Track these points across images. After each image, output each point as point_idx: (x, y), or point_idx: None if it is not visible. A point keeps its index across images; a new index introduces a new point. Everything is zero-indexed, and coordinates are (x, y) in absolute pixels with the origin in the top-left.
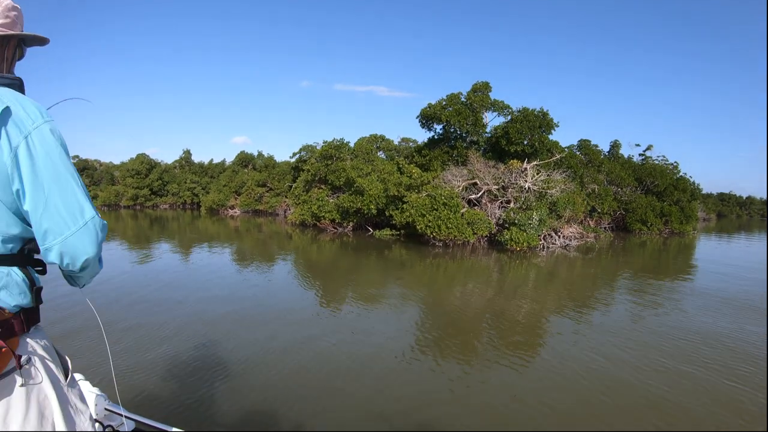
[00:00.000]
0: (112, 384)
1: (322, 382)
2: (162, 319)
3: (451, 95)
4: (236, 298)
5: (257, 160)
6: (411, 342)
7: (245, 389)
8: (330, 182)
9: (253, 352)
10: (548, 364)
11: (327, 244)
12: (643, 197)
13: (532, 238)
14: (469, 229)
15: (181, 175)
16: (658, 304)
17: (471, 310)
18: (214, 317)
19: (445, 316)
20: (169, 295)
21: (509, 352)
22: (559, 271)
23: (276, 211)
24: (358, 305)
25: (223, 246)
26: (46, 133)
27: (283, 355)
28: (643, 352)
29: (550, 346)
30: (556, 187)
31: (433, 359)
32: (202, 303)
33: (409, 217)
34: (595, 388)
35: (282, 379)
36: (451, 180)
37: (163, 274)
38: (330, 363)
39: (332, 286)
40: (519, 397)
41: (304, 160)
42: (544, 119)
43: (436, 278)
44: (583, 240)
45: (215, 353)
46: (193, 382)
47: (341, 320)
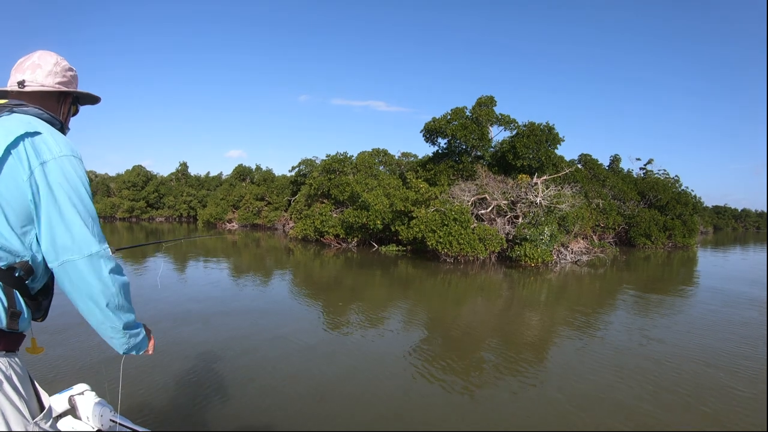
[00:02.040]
0: (116, 394)
1: (322, 403)
2: (164, 334)
3: (455, 109)
4: (233, 313)
5: (255, 173)
6: (422, 363)
7: (244, 409)
8: (333, 197)
9: (255, 371)
10: (569, 397)
11: (331, 260)
12: (647, 211)
13: (546, 253)
14: (481, 245)
15: (177, 187)
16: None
17: (486, 328)
18: (211, 331)
19: (456, 335)
20: (168, 311)
21: (526, 376)
22: (574, 287)
23: (275, 226)
24: (365, 323)
25: (222, 260)
26: (67, 164)
27: (288, 372)
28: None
29: (572, 375)
30: (566, 202)
31: (441, 379)
32: (196, 319)
33: (419, 232)
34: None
35: (287, 395)
36: (459, 195)
37: (164, 292)
38: (331, 383)
39: (337, 302)
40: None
41: (303, 174)
42: (550, 134)
43: (447, 295)
44: (593, 255)
45: (214, 369)
46: (193, 398)
47: (348, 339)
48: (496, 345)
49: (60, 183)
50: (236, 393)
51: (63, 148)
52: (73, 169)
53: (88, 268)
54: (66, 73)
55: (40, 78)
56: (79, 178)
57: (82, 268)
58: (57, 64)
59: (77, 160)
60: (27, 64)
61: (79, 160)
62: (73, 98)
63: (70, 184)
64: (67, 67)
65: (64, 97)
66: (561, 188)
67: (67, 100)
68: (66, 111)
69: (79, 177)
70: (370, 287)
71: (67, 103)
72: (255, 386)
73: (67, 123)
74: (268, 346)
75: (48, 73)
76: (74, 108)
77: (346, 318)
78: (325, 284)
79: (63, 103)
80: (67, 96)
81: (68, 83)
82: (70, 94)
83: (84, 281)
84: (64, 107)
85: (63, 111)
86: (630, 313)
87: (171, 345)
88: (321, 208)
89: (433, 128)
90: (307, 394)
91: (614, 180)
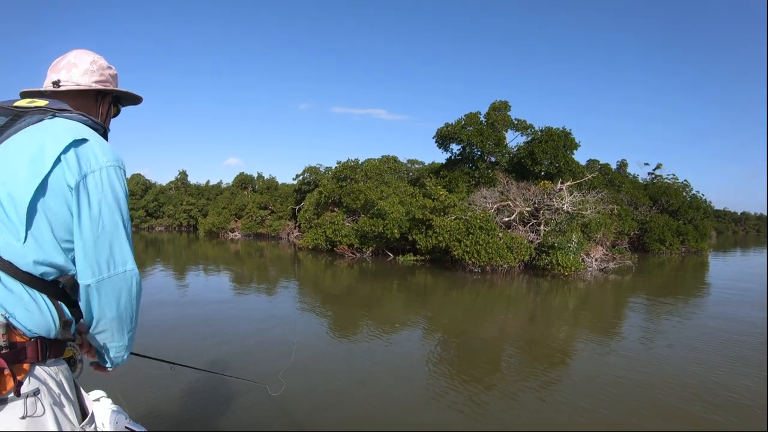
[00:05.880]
0: (131, 401)
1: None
2: (174, 342)
3: (469, 114)
4: (246, 320)
5: (257, 181)
6: (451, 373)
7: (255, 416)
8: (345, 205)
9: (268, 378)
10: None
11: (345, 270)
12: (660, 216)
13: (577, 261)
14: (509, 254)
15: (176, 196)
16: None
17: (523, 341)
18: (217, 341)
19: (487, 346)
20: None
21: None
22: (610, 296)
23: (279, 235)
24: (393, 333)
25: (228, 270)
26: (112, 175)
27: (302, 380)
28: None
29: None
30: (589, 209)
31: (463, 394)
32: (202, 328)
33: (442, 242)
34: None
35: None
36: (481, 202)
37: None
38: (346, 391)
39: (358, 312)
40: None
41: (308, 182)
42: (566, 139)
43: (474, 306)
44: (619, 262)
45: (225, 377)
46: (205, 405)
47: (373, 346)
48: (535, 360)
49: (104, 196)
50: (246, 401)
51: (109, 157)
52: (118, 180)
53: (122, 286)
54: (104, 72)
55: (75, 77)
56: (122, 191)
57: (117, 285)
58: (94, 63)
59: (122, 170)
60: (62, 64)
61: (123, 171)
62: (113, 98)
63: (114, 196)
64: (105, 65)
65: (102, 97)
66: (585, 194)
67: (106, 100)
68: (105, 111)
69: (122, 189)
70: (388, 298)
71: (106, 103)
72: (265, 396)
73: (107, 125)
74: (283, 354)
75: (84, 72)
76: (115, 109)
77: (369, 328)
78: (342, 294)
79: (101, 103)
80: (105, 96)
81: (106, 82)
82: (109, 94)
83: (113, 298)
84: (103, 107)
85: (102, 111)
86: (681, 326)
87: (182, 352)
88: (332, 216)
89: (447, 134)
90: (321, 403)
91: (628, 185)
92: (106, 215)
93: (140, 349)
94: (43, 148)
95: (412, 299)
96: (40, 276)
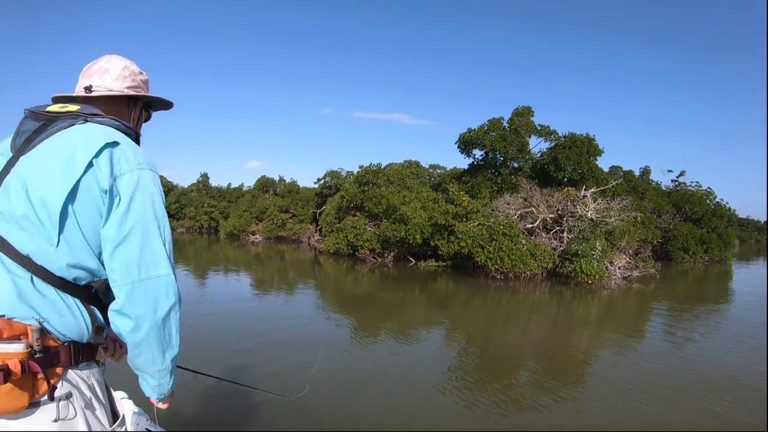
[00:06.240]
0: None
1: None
2: (194, 347)
3: (492, 120)
4: (260, 327)
5: (278, 185)
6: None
7: (273, 419)
8: (367, 209)
9: (288, 389)
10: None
11: (366, 275)
12: (683, 224)
13: (601, 269)
14: (533, 261)
15: (198, 198)
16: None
17: (548, 352)
18: (239, 346)
19: (506, 354)
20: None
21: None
22: (634, 305)
23: (300, 238)
24: (416, 339)
25: (249, 272)
26: (146, 177)
27: (320, 386)
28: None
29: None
30: (613, 216)
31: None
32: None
33: (465, 248)
34: None
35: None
36: (504, 208)
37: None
38: (365, 396)
39: (381, 317)
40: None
41: (329, 186)
42: (590, 145)
43: (497, 313)
44: (642, 270)
45: (244, 380)
46: (224, 405)
47: (392, 358)
48: (558, 371)
49: (134, 197)
50: (268, 409)
51: (141, 160)
52: (152, 183)
53: (157, 294)
54: (135, 77)
55: (107, 83)
56: (157, 193)
57: (150, 291)
58: (126, 68)
59: (154, 174)
60: (94, 69)
61: (156, 175)
62: (144, 104)
63: (147, 198)
64: (137, 71)
65: (134, 102)
66: (608, 201)
67: (138, 106)
68: (137, 117)
69: (157, 192)
70: (410, 304)
71: (138, 108)
72: (287, 405)
73: (139, 130)
74: (306, 360)
75: (116, 78)
76: (146, 114)
77: (391, 334)
78: (364, 299)
79: (133, 108)
80: (137, 101)
81: (138, 88)
82: (141, 99)
83: (147, 306)
84: (134, 113)
85: (134, 117)
86: (710, 334)
87: (203, 356)
88: (354, 221)
89: (469, 139)
90: (343, 413)
91: (651, 193)
92: (136, 216)
93: None
94: (75, 152)
95: (434, 305)
96: (72, 280)
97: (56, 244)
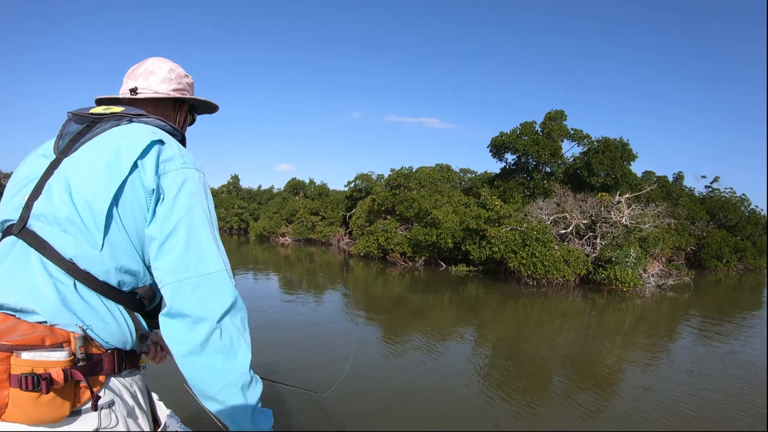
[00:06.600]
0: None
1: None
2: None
3: (524, 123)
4: (291, 326)
5: (309, 187)
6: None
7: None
8: (398, 213)
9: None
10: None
11: (396, 279)
12: (717, 232)
13: (636, 277)
14: (566, 268)
15: (228, 200)
16: None
17: (581, 361)
18: (269, 345)
19: (535, 362)
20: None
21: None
22: (672, 314)
23: (329, 241)
24: (441, 348)
25: (278, 274)
26: (193, 176)
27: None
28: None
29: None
30: (648, 223)
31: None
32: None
33: (497, 253)
34: None
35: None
36: (537, 213)
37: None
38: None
39: (411, 325)
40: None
41: (359, 189)
42: (624, 149)
43: (528, 320)
44: (676, 278)
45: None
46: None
47: (421, 363)
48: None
49: (179, 194)
50: (297, 409)
51: (187, 160)
52: (198, 181)
53: (210, 291)
54: (181, 80)
55: (153, 85)
56: (203, 191)
57: (202, 288)
58: (171, 71)
59: (201, 174)
60: (139, 71)
61: (203, 175)
62: (189, 107)
63: (195, 194)
64: (183, 74)
65: (179, 105)
66: (644, 208)
67: (183, 109)
68: (182, 120)
69: (203, 190)
70: (440, 308)
71: (183, 111)
72: (318, 405)
73: (184, 132)
74: (335, 361)
75: (162, 80)
76: (191, 117)
77: (421, 339)
78: (394, 303)
79: (179, 111)
80: (183, 104)
81: (183, 90)
82: (186, 102)
83: (199, 305)
84: (180, 116)
85: (179, 120)
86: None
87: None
88: (385, 224)
89: (501, 143)
90: (372, 415)
91: (685, 199)
92: (181, 210)
93: None
94: (119, 152)
95: (465, 310)
96: (117, 286)
97: (101, 248)
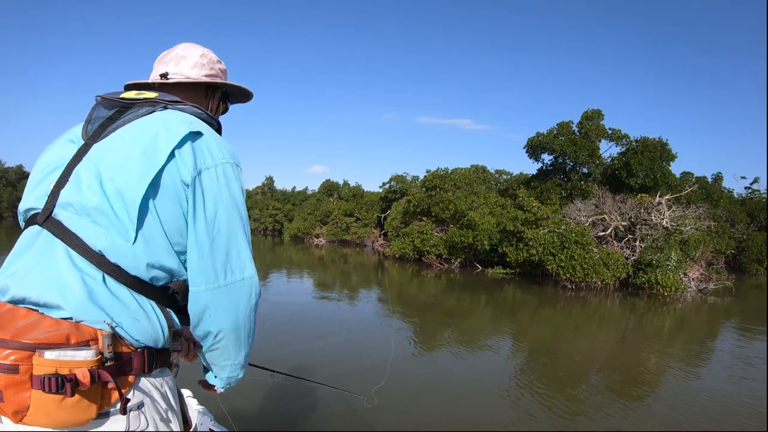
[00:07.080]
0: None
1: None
2: (263, 346)
3: (561, 123)
4: (327, 327)
5: (343, 189)
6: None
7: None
8: (434, 214)
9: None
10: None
11: (432, 281)
12: (758, 235)
13: (676, 281)
14: (606, 271)
15: (263, 201)
16: None
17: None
18: (301, 347)
19: (570, 368)
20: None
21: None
22: (716, 319)
23: (364, 242)
24: (477, 352)
25: (314, 274)
26: (230, 173)
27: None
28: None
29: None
30: (689, 225)
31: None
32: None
33: (535, 255)
34: None
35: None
36: (575, 215)
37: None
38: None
39: (447, 328)
40: None
41: (394, 190)
42: (663, 149)
43: (567, 325)
44: (717, 282)
45: (308, 380)
46: (288, 404)
47: (458, 366)
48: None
49: (220, 195)
50: (335, 411)
51: (225, 153)
52: (235, 178)
53: (240, 295)
54: (214, 66)
55: (185, 70)
56: (240, 190)
57: (234, 294)
58: (203, 56)
59: (239, 169)
60: (170, 56)
61: (240, 169)
62: (222, 94)
63: (232, 196)
64: (215, 59)
65: (212, 92)
66: (684, 209)
67: (216, 96)
68: (215, 107)
69: (240, 188)
70: (476, 311)
71: (216, 98)
72: (356, 408)
73: (216, 119)
74: (374, 364)
75: (194, 65)
76: (224, 106)
77: (457, 342)
78: (430, 305)
79: (211, 98)
80: (215, 91)
81: (216, 76)
82: (219, 89)
83: (230, 309)
84: (212, 103)
85: (212, 107)
86: None
87: (270, 356)
88: (421, 225)
89: (538, 144)
90: (405, 409)
91: (725, 201)
92: (223, 216)
93: None
94: (156, 141)
95: (502, 313)
96: (149, 281)
97: (133, 241)
